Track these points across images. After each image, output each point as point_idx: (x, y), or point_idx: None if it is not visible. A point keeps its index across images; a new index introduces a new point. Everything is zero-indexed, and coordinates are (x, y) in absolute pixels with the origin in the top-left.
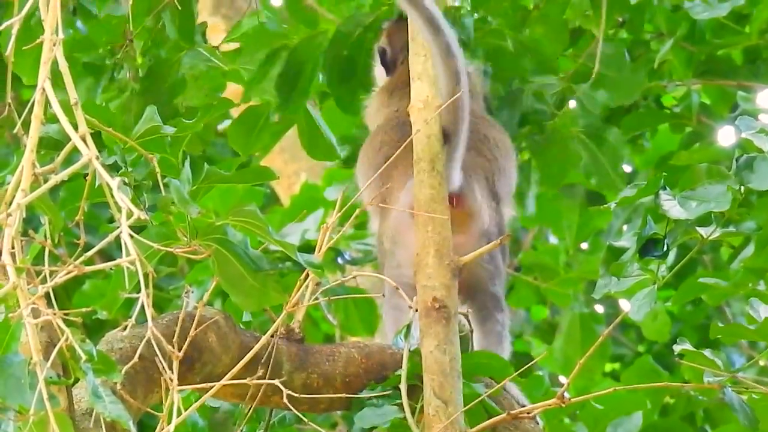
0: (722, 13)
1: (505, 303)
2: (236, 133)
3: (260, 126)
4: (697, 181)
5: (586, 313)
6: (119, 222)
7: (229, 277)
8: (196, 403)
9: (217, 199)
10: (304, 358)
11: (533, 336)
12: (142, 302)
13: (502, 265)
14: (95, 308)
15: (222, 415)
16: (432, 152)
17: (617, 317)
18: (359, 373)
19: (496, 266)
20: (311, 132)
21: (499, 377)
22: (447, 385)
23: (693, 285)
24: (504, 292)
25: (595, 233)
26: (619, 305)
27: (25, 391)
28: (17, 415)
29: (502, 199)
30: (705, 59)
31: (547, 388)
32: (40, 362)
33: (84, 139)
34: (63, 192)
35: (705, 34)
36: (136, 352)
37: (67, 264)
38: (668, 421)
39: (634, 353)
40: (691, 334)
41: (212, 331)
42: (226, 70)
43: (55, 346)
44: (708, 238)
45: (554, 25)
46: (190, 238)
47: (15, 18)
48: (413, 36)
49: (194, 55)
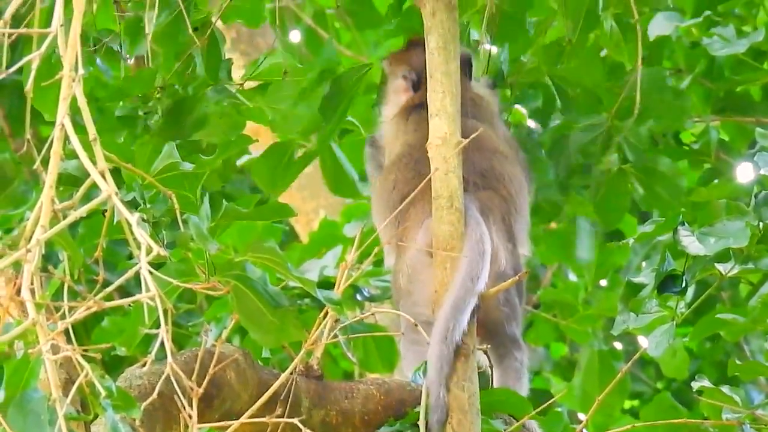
0: (740, 50)
1: (522, 341)
2: (261, 169)
3: (285, 162)
4: (716, 218)
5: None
6: (138, 258)
7: (248, 314)
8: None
9: (236, 236)
10: (323, 395)
11: (552, 373)
12: (162, 338)
13: (519, 307)
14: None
15: None
16: (450, 188)
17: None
18: (378, 410)
19: (513, 308)
20: (334, 169)
21: (518, 414)
22: (466, 421)
23: (711, 321)
24: (521, 331)
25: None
26: (637, 342)
27: (44, 428)
28: None
29: (518, 240)
30: (723, 95)
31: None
32: (59, 398)
33: (103, 175)
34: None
35: (723, 71)
36: (155, 388)
37: (86, 300)
38: None
39: (653, 390)
40: (709, 371)
41: (231, 369)
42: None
43: (75, 382)
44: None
45: (588, 57)
46: (209, 275)
47: (34, 53)
48: (431, 73)
49: (219, 90)
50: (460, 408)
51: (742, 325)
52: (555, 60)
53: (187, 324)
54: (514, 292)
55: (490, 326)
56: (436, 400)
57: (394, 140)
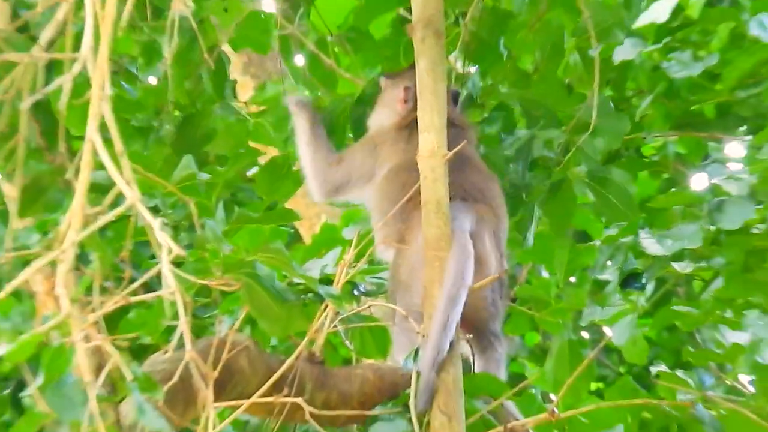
0: (696, 72)
1: (502, 335)
2: (262, 180)
3: (283, 174)
4: (673, 222)
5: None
6: (160, 258)
7: (258, 307)
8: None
9: (247, 238)
10: (324, 379)
11: (527, 359)
12: (181, 329)
13: (501, 308)
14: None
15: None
16: (437, 195)
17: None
18: (374, 392)
19: (497, 308)
20: None
21: (496, 395)
22: (451, 401)
23: (668, 313)
24: (501, 325)
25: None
26: (603, 331)
27: (78, 408)
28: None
29: (503, 254)
30: (680, 113)
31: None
32: (91, 382)
33: (129, 184)
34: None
35: (681, 91)
36: (175, 373)
37: (114, 295)
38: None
39: (616, 374)
40: (666, 357)
41: (243, 355)
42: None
43: (105, 367)
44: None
45: (553, 85)
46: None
47: (66, 75)
48: (421, 92)
49: (225, 107)
50: (446, 389)
51: (696, 317)
52: (524, 84)
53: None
54: (498, 295)
55: (477, 323)
56: (426, 384)
57: (394, 146)
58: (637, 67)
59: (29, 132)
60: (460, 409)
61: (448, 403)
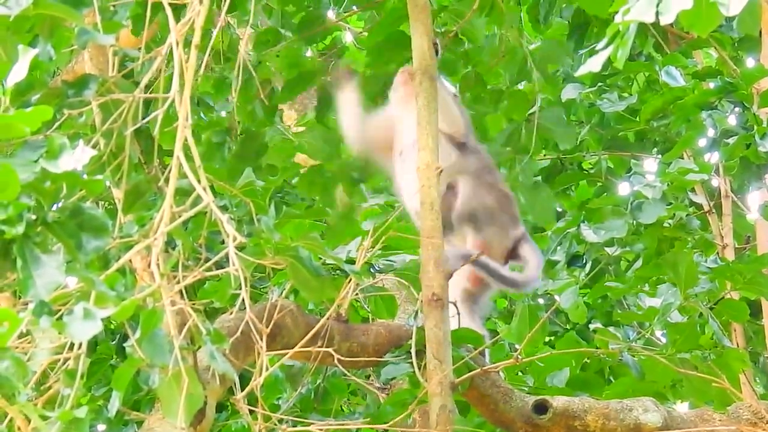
0: (621, 108)
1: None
2: (303, 184)
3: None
4: (605, 218)
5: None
6: (227, 244)
7: (300, 280)
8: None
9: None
10: (348, 333)
11: (498, 318)
12: (243, 296)
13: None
14: (212, 300)
15: (295, 371)
16: (431, 197)
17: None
18: (384, 342)
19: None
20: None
21: (476, 345)
22: (441, 350)
23: (602, 286)
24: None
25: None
26: (554, 298)
27: (165, 355)
28: (161, 369)
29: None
30: (610, 138)
31: (507, 353)
32: (175, 335)
33: (204, 189)
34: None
35: (610, 122)
36: (238, 328)
37: (193, 271)
38: (586, 375)
39: (563, 330)
40: (601, 318)
41: (288, 316)
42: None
43: (186, 325)
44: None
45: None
46: (274, 255)
47: (159, 110)
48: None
49: (275, 130)
50: (438, 341)
51: (622, 288)
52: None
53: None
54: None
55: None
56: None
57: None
58: (577, 104)
59: (132, 151)
60: (448, 356)
61: (439, 351)
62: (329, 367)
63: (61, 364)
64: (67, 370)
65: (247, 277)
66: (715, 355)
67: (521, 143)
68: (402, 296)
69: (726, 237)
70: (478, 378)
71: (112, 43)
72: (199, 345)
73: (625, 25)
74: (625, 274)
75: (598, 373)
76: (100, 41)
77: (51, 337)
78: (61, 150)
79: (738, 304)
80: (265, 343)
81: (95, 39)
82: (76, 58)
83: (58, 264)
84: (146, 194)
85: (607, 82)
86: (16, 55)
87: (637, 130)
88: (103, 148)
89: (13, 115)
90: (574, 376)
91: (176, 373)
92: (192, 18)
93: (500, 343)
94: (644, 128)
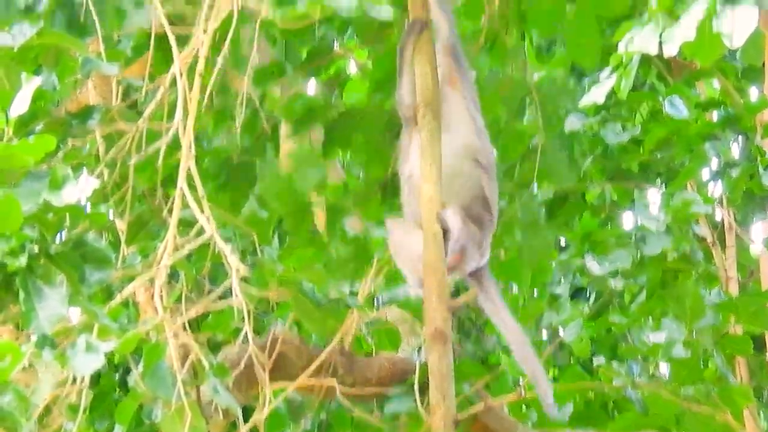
0: (625, 139)
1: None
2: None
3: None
4: (609, 250)
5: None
6: (231, 275)
7: (303, 312)
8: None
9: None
10: (352, 366)
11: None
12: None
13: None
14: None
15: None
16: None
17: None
18: (388, 376)
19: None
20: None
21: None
22: (444, 384)
23: (606, 318)
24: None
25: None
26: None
27: (168, 388)
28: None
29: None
30: (613, 169)
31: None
32: (178, 368)
33: (207, 220)
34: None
35: (614, 153)
36: (241, 361)
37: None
38: (590, 410)
39: (567, 364)
40: (605, 352)
41: (291, 348)
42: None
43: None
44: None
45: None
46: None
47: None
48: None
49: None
50: (441, 375)
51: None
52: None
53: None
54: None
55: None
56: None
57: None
58: (581, 134)
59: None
60: (451, 390)
61: (442, 385)
62: (332, 401)
63: (63, 397)
64: (69, 404)
65: (250, 310)
66: (719, 389)
67: (520, 179)
68: (406, 328)
69: (729, 270)
70: (482, 413)
71: (115, 73)
72: (202, 378)
73: (628, 55)
74: (629, 307)
75: (602, 407)
76: (105, 71)
77: (53, 370)
78: (65, 181)
79: (742, 338)
80: (267, 375)
81: (99, 68)
82: (80, 88)
83: (60, 296)
84: (149, 225)
85: (610, 113)
86: (19, 84)
87: (641, 161)
88: (107, 178)
89: (17, 145)
90: (578, 410)
91: (179, 407)
92: (196, 47)
93: (504, 377)
94: (647, 159)
